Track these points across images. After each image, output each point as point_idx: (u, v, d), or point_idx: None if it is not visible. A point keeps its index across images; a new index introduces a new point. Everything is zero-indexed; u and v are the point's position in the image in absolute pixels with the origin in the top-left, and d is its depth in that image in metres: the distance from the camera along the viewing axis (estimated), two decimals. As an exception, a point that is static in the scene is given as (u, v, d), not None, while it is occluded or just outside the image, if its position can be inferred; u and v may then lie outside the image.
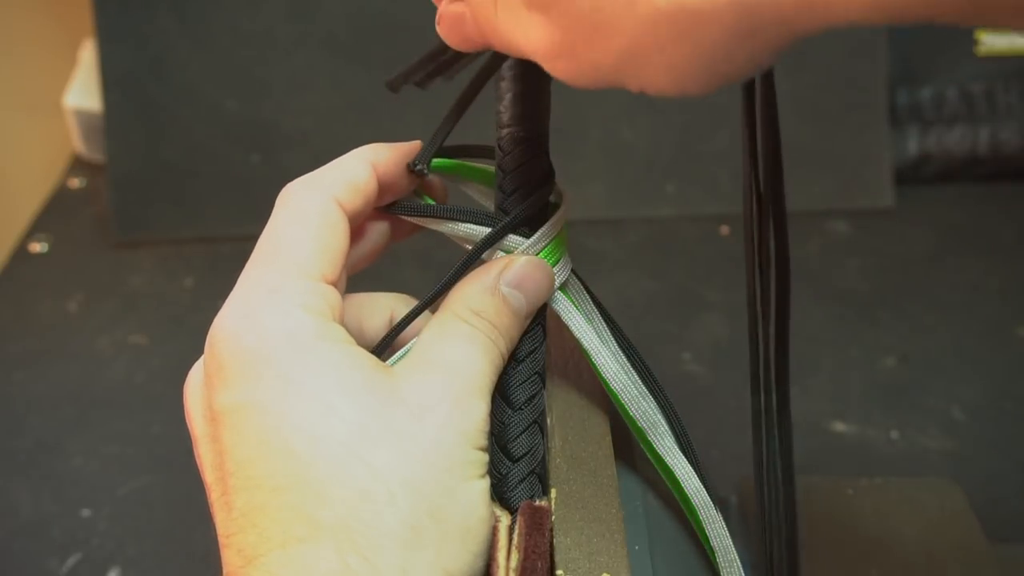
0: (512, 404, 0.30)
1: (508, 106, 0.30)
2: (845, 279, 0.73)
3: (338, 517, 0.23)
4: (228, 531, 0.24)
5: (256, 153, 0.79)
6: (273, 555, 0.23)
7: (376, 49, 0.79)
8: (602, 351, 0.30)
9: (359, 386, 0.24)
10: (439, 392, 0.25)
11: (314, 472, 0.23)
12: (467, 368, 0.26)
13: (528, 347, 0.30)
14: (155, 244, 0.79)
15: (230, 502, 0.24)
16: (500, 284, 0.28)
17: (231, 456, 0.24)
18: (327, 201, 0.27)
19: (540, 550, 0.27)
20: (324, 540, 0.23)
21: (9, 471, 0.59)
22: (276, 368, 0.24)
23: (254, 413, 0.24)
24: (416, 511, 0.23)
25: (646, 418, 0.30)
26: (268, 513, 0.23)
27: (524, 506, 0.28)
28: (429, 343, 0.27)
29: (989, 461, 0.57)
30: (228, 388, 0.24)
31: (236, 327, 0.25)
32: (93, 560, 0.53)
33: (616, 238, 0.77)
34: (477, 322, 0.27)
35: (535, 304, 0.29)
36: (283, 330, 0.25)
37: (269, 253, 0.27)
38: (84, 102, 0.85)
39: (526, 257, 0.29)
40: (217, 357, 0.25)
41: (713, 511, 0.31)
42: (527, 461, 0.29)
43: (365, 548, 0.22)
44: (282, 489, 0.23)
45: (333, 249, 0.27)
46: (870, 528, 0.40)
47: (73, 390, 0.65)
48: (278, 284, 0.26)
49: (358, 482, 0.23)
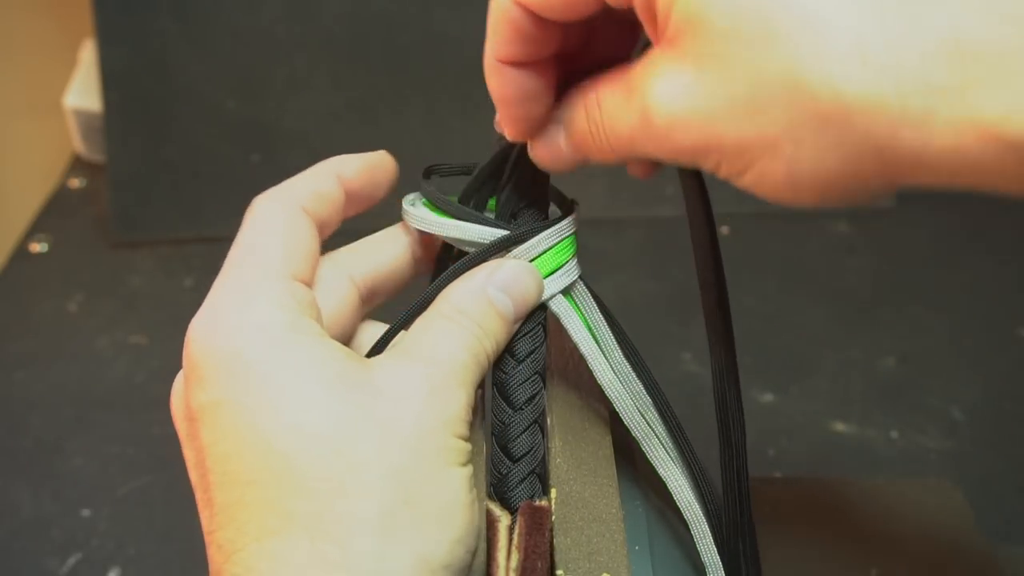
0: (512, 404, 0.30)
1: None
2: (845, 279, 0.73)
3: (313, 507, 0.23)
4: (210, 528, 0.24)
5: (256, 153, 0.79)
6: (250, 548, 0.23)
7: (376, 49, 0.79)
8: (598, 358, 0.30)
9: (333, 377, 0.25)
10: (416, 381, 0.25)
11: (288, 464, 0.23)
12: (447, 359, 0.26)
13: (528, 347, 0.30)
14: (155, 244, 0.79)
15: (211, 499, 0.24)
16: (487, 286, 0.28)
17: (209, 453, 0.24)
18: (292, 208, 0.28)
19: (540, 550, 0.27)
20: (298, 531, 0.23)
21: (9, 471, 0.59)
22: (248, 363, 0.24)
23: (228, 409, 0.24)
24: (392, 499, 0.23)
25: (640, 429, 0.30)
26: (245, 507, 0.23)
27: (524, 506, 0.28)
28: (411, 338, 0.27)
29: (989, 461, 0.57)
30: (203, 387, 0.25)
31: (206, 328, 0.25)
32: (93, 560, 0.53)
33: (616, 238, 0.77)
34: (461, 320, 0.27)
35: (522, 308, 0.29)
36: (253, 326, 0.25)
37: (237, 259, 0.27)
38: (84, 102, 0.85)
39: (515, 261, 0.29)
40: (191, 359, 0.25)
41: (704, 526, 0.30)
42: (527, 461, 0.29)
43: (340, 537, 0.23)
44: (257, 483, 0.23)
45: (301, 250, 0.27)
46: (870, 528, 0.40)
47: (73, 390, 0.65)
48: (246, 284, 0.26)
49: (332, 472, 0.23)
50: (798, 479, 0.46)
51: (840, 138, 0.20)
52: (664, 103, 0.23)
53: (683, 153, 0.23)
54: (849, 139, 0.20)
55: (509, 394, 0.30)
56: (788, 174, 0.22)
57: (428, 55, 0.79)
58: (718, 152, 0.23)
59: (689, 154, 0.23)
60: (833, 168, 0.21)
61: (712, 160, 0.23)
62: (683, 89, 0.22)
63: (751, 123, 0.21)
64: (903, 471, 0.56)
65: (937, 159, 0.19)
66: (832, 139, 0.20)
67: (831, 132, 0.20)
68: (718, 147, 0.22)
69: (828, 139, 0.20)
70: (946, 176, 0.20)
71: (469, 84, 0.78)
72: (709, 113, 0.22)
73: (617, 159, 0.26)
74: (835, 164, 0.21)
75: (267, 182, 0.29)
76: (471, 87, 0.78)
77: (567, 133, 0.27)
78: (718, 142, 0.22)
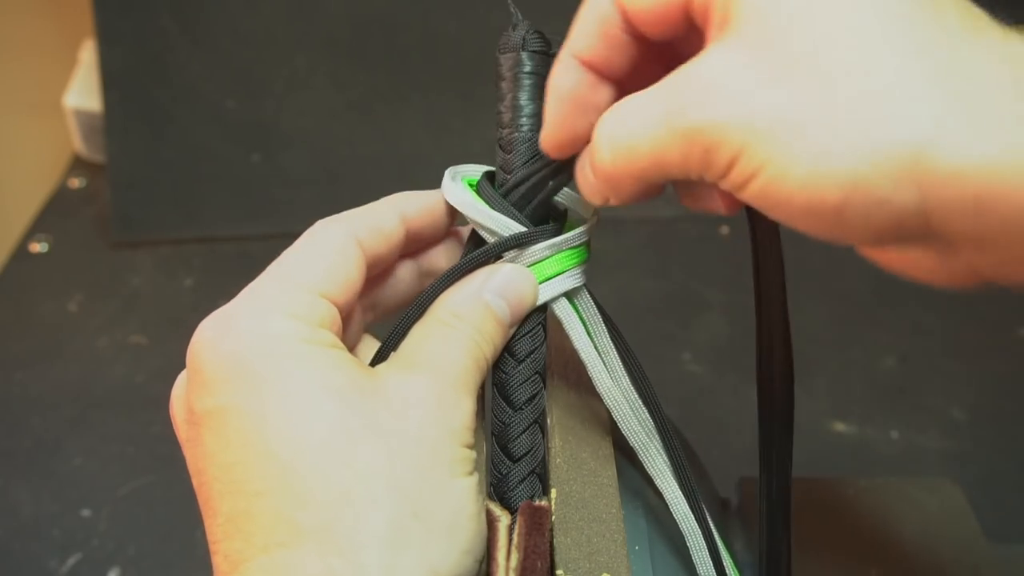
0: (513, 404, 0.30)
1: (509, 106, 0.30)
2: (845, 279, 0.73)
3: (320, 520, 0.23)
4: (215, 537, 0.24)
5: (256, 153, 0.79)
6: (257, 561, 0.23)
7: (376, 49, 0.79)
8: (597, 365, 0.30)
9: (340, 386, 0.24)
10: (422, 390, 0.25)
11: (295, 475, 0.23)
12: (450, 366, 0.26)
13: (528, 347, 0.30)
14: (155, 244, 0.79)
15: (215, 508, 0.24)
16: (484, 291, 0.28)
17: (214, 461, 0.24)
18: (346, 235, 0.28)
19: (540, 550, 0.27)
20: (307, 544, 0.22)
21: (9, 471, 0.59)
22: (256, 371, 0.24)
23: (233, 417, 0.24)
24: (400, 510, 0.23)
25: (637, 438, 0.30)
26: (252, 518, 0.23)
27: (524, 506, 0.28)
28: (411, 345, 0.27)
29: (989, 461, 0.57)
30: (207, 392, 0.24)
31: (214, 333, 0.25)
32: (93, 560, 0.53)
33: (616, 238, 0.77)
34: (459, 324, 0.27)
35: (518, 312, 0.29)
36: (264, 334, 0.25)
37: (271, 270, 0.27)
38: (84, 102, 0.85)
39: (511, 265, 0.29)
40: (196, 362, 0.25)
41: (700, 539, 0.30)
42: (527, 461, 0.29)
43: (348, 550, 0.22)
44: (264, 493, 0.23)
45: (340, 276, 0.27)
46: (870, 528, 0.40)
47: (73, 390, 0.65)
48: (266, 294, 0.26)
49: (340, 484, 0.23)
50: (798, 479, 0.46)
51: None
52: (706, 69, 0.22)
53: (716, 131, 0.22)
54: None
55: (509, 394, 0.30)
56: (836, 218, 0.21)
57: (428, 55, 0.79)
58: (749, 130, 0.21)
59: (720, 132, 0.22)
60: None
61: (735, 145, 0.22)
62: (736, 62, 0.22)
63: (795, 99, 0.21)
64: (903, 471, 0.56)
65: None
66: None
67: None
68: (749, 123, 0.21)
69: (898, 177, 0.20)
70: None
71: (469, 84, 0.78)
72: (753, 82, 0.21)
73: (639, 182, 0.25)
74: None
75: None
76: (471, 87, 0.78)
77: (592, 159, 0.26)
78: (752, 116, 0.21)
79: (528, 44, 0.29)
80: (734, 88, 0.22)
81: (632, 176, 0.25)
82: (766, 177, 0.22)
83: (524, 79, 0.29)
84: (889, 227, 0.21)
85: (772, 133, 0.21)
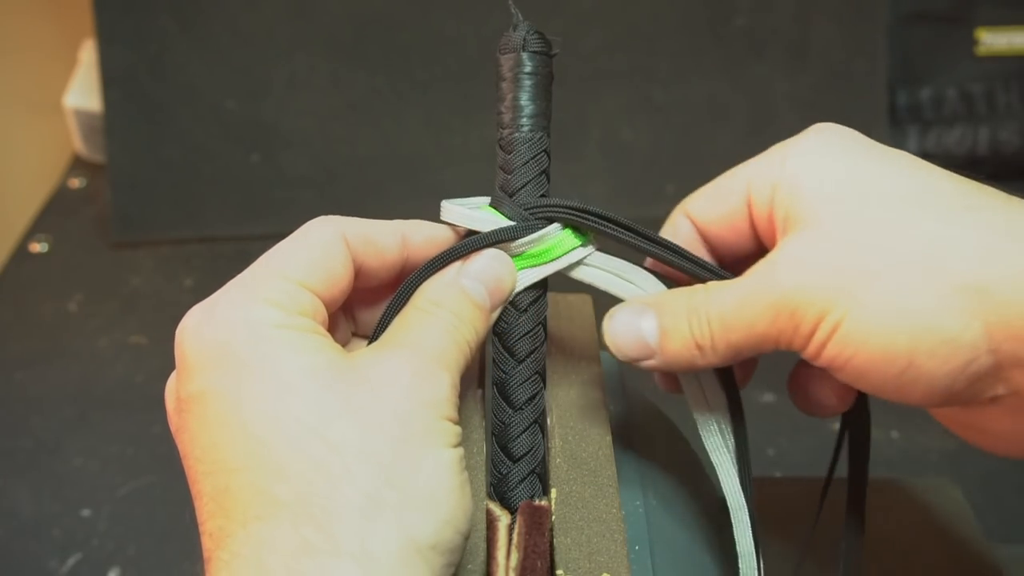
0: (513, 404, 0.30)
1: (509, 106, 0.30)
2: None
3: (295, 493, 0.23)
4: (202, 518, 0.24)
5: (256, 153, 0.79)
6: (236, 535, 0.23)
7: (376, 49, 0.79)
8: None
9: (316, 366, 0.25)
10: (396, 365, 0.26)
11: (271, 450, 0.24)
12: (428, 344, 0.27)
13: (528, 347, 0.30)
14: (155, 244, 0.79)
15: (200, 489, 0.25)
16: (460, 278, 0.28)
17: (196, 443, 0.25)
18: (334, 233, 0.28)
19: (540, 550, 0.27)
20: (281, 516, 0.23)
21: (9, 471, 0.59)
22: (234, 355, 0.25)
23: (213, 399, 0.24)
24: (374, 481, 0.23)
25: (698, 406, 0.31)
26: (231, 494, 0.24)
27: (524, 506, 0.28)
28: (390, 331, 0.28)
29: (989, 461, 0.57)
30: (191, 378, 0.25)
31: (198, 320, 0.26)
32: (93, 560, 0.53)
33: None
34: (436, 310, 0.28)
35: (498, 295, 0.29)
36: (243, 320, 0.25)
37: (259, 262, 0.27)
38: (84, 102, 0.85)
39: (487, 251, 0.29)
40: (181, 350, 0.26)
41: (745, 514, 0.30)
42: (527, 461, 0.29)
43: (323, 521, 0.23)
44: (242, 470, 0.24)
45: (324, 269, 0.27)
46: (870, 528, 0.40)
47: (73, 390, 0.66)
48: (249, 283, 0.26)
49: (314, 457, 0.23)
50: (798, 479, 0.46)
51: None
52: (784, 254, 0.26)
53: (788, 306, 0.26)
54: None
55: (509, 394, 0.30)
56: (898, 370, 0.25)
57: (428, 55, 0.79)
58: (829, 288, 0.25)
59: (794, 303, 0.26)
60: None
61: (818, 306, 0.25)
62: (814, 249, 0.26)
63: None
64: (903, 471, 0.56)
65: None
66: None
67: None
68: (828, 284, 0.25)
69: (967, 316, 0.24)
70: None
71: (469, 84, 0.78)
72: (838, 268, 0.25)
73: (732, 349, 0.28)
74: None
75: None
76: (471, 87, 0.78)
77: (661, 333, 0.29)
78: (829, 278, 0.25)
79: (528, 45, 0.29)
80: (812, 261, 0.26)
81: (729, 346, 0.28)
82: (844, 330, 0.25)
83: (524, 79, 0.29)
84: (958, 370, 0.24)
85: (849, 289, 0.25)
